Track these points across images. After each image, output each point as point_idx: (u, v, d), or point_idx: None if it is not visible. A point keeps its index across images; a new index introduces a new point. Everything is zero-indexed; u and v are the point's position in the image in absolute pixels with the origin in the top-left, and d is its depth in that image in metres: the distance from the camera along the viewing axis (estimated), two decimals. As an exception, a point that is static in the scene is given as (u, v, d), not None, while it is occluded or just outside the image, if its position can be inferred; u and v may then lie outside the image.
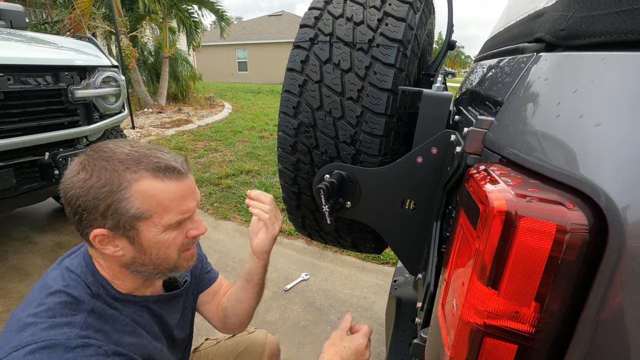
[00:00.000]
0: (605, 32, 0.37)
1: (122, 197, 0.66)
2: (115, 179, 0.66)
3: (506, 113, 0.49)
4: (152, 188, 0.67)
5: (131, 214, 0.66)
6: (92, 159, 0.67)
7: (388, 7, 0.87)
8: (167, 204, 0.69)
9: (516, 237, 0.34)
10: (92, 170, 0.66)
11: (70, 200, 0.66)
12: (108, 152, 0.68)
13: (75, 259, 0.76)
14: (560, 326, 0.36)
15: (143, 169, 0.67)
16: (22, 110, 2.09)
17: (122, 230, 0.68)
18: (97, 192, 0.65)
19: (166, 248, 0.73)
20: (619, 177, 0.32)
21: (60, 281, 0.71)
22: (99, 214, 0.66)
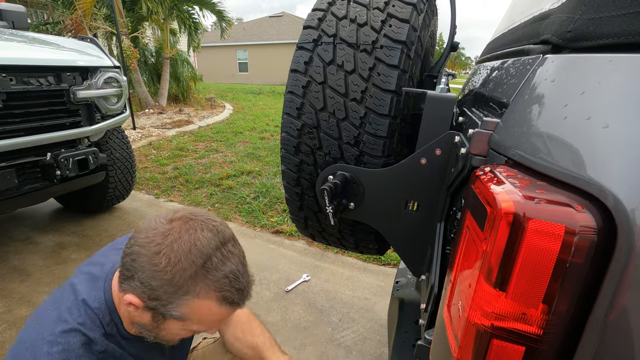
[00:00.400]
0: (612, 34, 0.37)
1: (179, 302, 0.66)
2: (187, 286, 0.65)
3: (512, 114, 0.49)
4: (207, 308, 0.68)
5: (172, 313, 0.68)
6: (181, 250, 0.65)
7: (392, 8, 0.87)
8: (206, 321, 0.72)
9: (524, 238, 0.34)
10: (174, 265, 0.64)
11: (136, 262, 0.66)
12: (198, 251, 0.66)
13: (95, 292, 0.76)
14: (568, 328, 0.36)
15: (214, 290, 0.67)
16: (24, 110, 2.10)
17: (152, 312, 0.69)
18: (161, 284, 0.65)
19: (174, 336, 0.76)
20: (627, 179, 0.32)
21: (76, 315, 0.72)
22: (148, 293, 0.66)
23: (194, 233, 0.67)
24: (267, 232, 3.17)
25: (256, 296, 2.28)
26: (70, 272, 2.59)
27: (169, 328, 0.72)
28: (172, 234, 0.66)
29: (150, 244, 0.66)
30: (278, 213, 3.48)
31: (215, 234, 0.69)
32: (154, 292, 0.65)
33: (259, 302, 2.22)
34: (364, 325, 2.06)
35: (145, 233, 0.67)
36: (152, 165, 4.85)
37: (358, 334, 1.99)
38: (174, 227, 0.67)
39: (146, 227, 0.68)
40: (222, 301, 0.68)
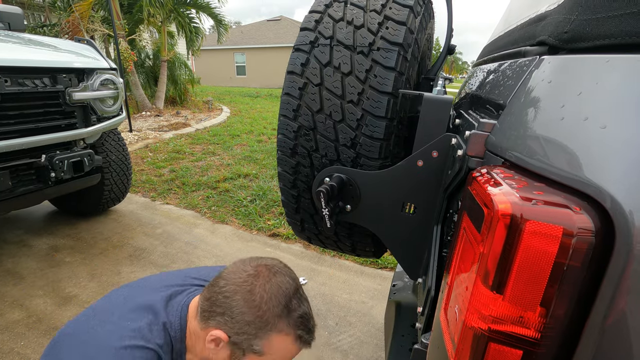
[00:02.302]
0: (609, 35, 0.37)
1: (264, 336, 0.73)
2: (273, 322, 0.73)
3: (509, 116, 0.49)
4: (285, 344, 0.75)
5: (254, 348, 0.73)
6: (272, 292, 0.74)
7: (388, 10, 0.87)
8: (279, 357, 0.77)
9: (522, 240, 0.34)
10: (267, 302, 0.73)
11: (229, 297, 0.73)
12: (283, 294, 0.75)
13: (173, 317, 0.80)
14: (566, 331, 0.35)
15: (293, 327, 0.75)
16: (19, 112, 2.08)
17: (235, 348, 0.74)
18: (253, 319, 0.72)
19: None
20: (625, 180, 0.32)
21: (157, 338, 0.75)
22: (236, 328, 0.72)
23: (280, 277, 0.77)
24: (264, 235, 3.16)
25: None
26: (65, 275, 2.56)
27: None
28: (262, 276, 0.75)
29: (244, 283, 0.74)
30: (275, 216, 3.47)
31: (293, 280, 0.79)
32: (244, 327, 0.72)
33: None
34: (360, 329, 2.05)
35: (238, 274, 0.76)
36: (148, 168, 4.82)
37: (355, 338, 1.98)
38: (262, 271, 0.76)
39: (236, 269, 0.77)
40: (297, 339, 0.76)
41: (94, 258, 2.66)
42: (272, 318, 0.73)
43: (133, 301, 0.80)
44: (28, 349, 1.84)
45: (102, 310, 0.80)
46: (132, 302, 0.80)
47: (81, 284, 2.36)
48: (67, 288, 2.31)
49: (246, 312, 0.72)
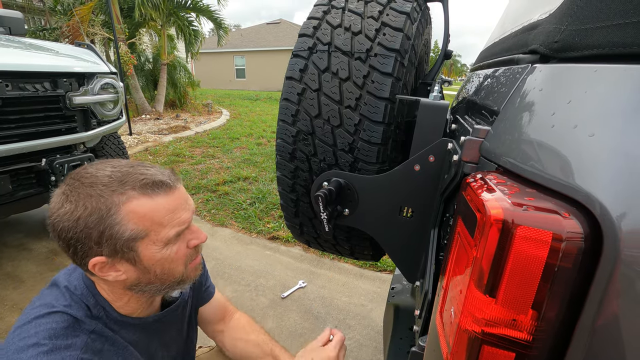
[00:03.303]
0: (597, 45, 0.38)
1: (114, 222, 0.64)
2: (103, 204, 0.63)
3: (502, 122, 0.50)
4: (142, 207, 0.66)
5: (126, 237, 0.65)
6: (74, 188, 0.65)
7: (386, 17, 0.88)
8: (161, 219, 0.68)
9: (513, 245, 0.35)
10: (76, 200, 0.63)
11: (61, 234, 0.65)
12: (89, 177, 0.66)
13: (74, 280, 0.75)
14: (557, 334, 0.36)
15: (129, 189, 0.65)
16: (19, 116, 2.09)
17: (120, 254, 0.66)
18: (87, 222, 0.63)
19: (170, 263, 0.71)
20: (612, 187, 0.33)
21: (62, 300, 0.70)
22: (93, 242, 0.64)
23: (76, 176, 0.67)
24: (263, 238, 3.16)
25: (252, 303, 2.27)
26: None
27: (149, 256, 0.68)
28: (62, 190, 0.66)
29: (51, 213, 0.65)
30: (274, 219, 3.48)
31: (101, 164, 0.69)
32: (90, 235, 0.63)
33: (254, 309, 2.21)
34: (360, 332, 2.05)
35: (48, 214, 0.67)
36: (148, 171, 4.83)
37: (354, 341, 1.98)
38: (61, 189, 0.66)
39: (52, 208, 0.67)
40: (144, 189, 0.66)
41: (94, 261, 2.67)
42: (98, 204, 0.63)
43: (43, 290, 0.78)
44: (28, 352, 1.84)
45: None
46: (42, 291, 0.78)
47: (81, 288, 2.36)
48: (67, 291, 2.31)
49: (76, 226, 0.63)
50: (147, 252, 0.68)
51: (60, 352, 0.63)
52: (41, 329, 0.65)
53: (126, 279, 0.70)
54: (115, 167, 0.68)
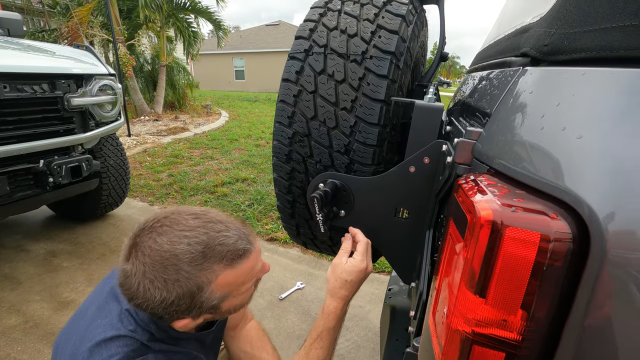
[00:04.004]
0: (585, 49, 0.38)
1: (204, 297, 0.67)
2: (193, 286, 0.65)
3: (494, 125, 0.50)
4: (228, 278, 0.68)
5: (214, 302, 0.69)
6: (156, 272, 0.63)
7: (381, 20, 0.89)
8: (244, 280, 0.72)
9: (502, 246, 0.35)
10: (164, 286, 0.63)
11: (147, 310, 0.66)
12: (168, 256, 0.63)
13: None
14: (546, 333, 0.37)
15: (215, 264, 0.66)
16: (17, 117, 2.09)
17: (205, 314, 0.71)
18: (179, 303, 0.65)
19: (240, 305, 0.77)
20: (600, 188, 0.33)
21: (127, 324, 0.72)
22: (182, 313, 0.67)
23: (150, 252, 0.64)
24: (262, 239, 3.16)
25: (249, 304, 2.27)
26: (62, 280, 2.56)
27: (228, 307, 0.73)
28: (137, 268, 0.64)
29: (135, 295, 0.64)
30: (272, 220, 3.48)
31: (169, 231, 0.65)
32: (180, 308, 0.66)
33: (252, 310, 2.20)
34: (357, 334, 2.05)
35: (127, 289, 0.66)
36: (146, 173, 4.83)
37: (352, 342, 1.98)
38: (134, 265, 0.64)
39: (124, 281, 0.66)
40: (230, 263, 0.67)
41: (92, 263, 2.66)
42: (194, 285, 0.64)
43: (98, 299, 0.79)
44: (25, 354, 1.84)
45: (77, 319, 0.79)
46: (98, 300, 0.79)
47: (79, 289, 2.36)
48: (65, 293, 2.31)
49: (170, 307, 0.64)
50: (228, 304, 0.73)
51: None
52: (113, 352, 0.67)
53: (196, 324, 0.74)
54: (187, 236, 0.65)
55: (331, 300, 0.86)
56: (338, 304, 0.85)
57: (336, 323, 0.86)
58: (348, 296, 0.86)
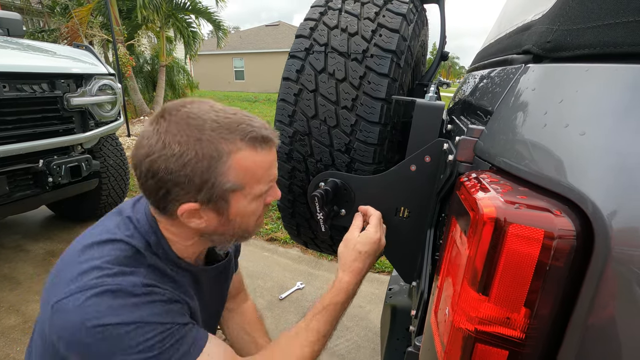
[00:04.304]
0: (588, 45, 0.38)
1: (220, 171, 0.62)
2: (214, 151, 0.61)
3: (496, 122, 0.50)
4: (247, 160, 0.64)
5: (226, 187, 0.63)
6: (180, 128, 0.61)
7: (382, 18, 0.89)
8: (260, 174, 0.67)
9: (505, 243, 0.35)
10: (186, 142, 0.60)
11: (158, 173, 0.61)
12: (195, 118, 0.62)
13: (138, 213, 0.72)
14: (550, 331, 0.36)
15: (238, 139, 0.63)
16: (16, 117, 2.09)
17: (212, 203, 0.65)
18: (195, 167, 0.61)
19: (249, 217, 0.70)
20: (603, 185, 0.33)
21: (124, 229, 0.68)
22: (192, 188, 0.62)
23: (177, 113, 0.63)
24: (261, 239, 3.16)
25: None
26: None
27: (237, 208, 0.67)
28: (161, 127, 0.62)
29: (151, 151, 0.61)
30: (272, 220, 3.47)
31: (199, 103, 0.66)
32: (193, 180, 0.61)
33: (252, 311, 2.20)
34: (357, 334, 2.05)
35: (141, 150, 0.62)
36: (146, 173, 4.82)
37: (352, 342, 1.98)
38: (159, 125, 0.62)
39: (138, 146, 0.63)
40: (254, 143, 0.64)
41: (91, 263, 2.66)
42: (208, 149, 0.61)
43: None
44: (24, 354, 1.83)
45: None
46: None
47: (78, 289, 2.35)
48: (64, 293, 2.31)
49: (182, 168, 0.60)
50: (237, 205, 0.67)
51: (125, 276, 0.62)
52: (105, 254, 0.64)
53: (205, 227, 0.68)
54: (217, 111, 0.65)
55: (343, 275, 0.79)
56: (351, 279, 0.79)
57: (345, 299, 0.79)
58: (362, 270, 0.80)
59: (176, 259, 0.73)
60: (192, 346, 0.66)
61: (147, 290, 0.63)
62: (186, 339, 0.65)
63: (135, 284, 0.62)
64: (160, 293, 0.65)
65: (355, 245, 0.80)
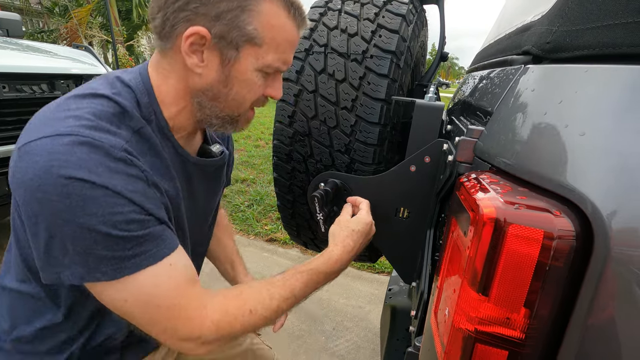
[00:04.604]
0: (587, 46, 0.38)
1: (248, 8, 0.56)
2: None
3: (495, 123, 0.50)
4: (277, 18, 0.59)
5: (245, 32, 0.57)
6: None
7: (381, 19, 0.89)
8: (279, 43, 0.61)
9: (505, 243, 0.35)
10: None
11: None
12: None
13: (129, 73, 0.64)
14: (549, 331, 0.36)
15: None
16: (16, 118, 2.09)
17: (222, 44, 0.58)
18: None
19: (247, 91, 0.64)
20: (603, 185, 0.33)
21: (109, 88, 0.59)
22: (214, 10, 0.55)
23: None
24: (261, 240, 3.16)
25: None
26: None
27: (243, 66, 0.60)
28: None
29: None
30: (272, 221, 3.47)
31: None
32: (219, 4, 0.55)
33: (252, 311, 2.20)
34: (357, 334, 2.05)
35: None
36: (145, 173, 4.82)
37: (352, 343, 1.98)
38: None
39: None
40: (289, 5, 0.59)
41: (91, 264, 2.65)
42: None
43: None
44: (23, 355, 1.82)
45: None
46: None
47: (77, 290, 2.35)
48: (63, 294, 2.30)
49: None
50: (244, 63, 0.60)
51: (105, 133, 0.53)
52: (85, 105, 0.55)
53: (199, 78, 0.61)
54: None
55: (335, 248, 0.75)
56: (341, 254, 0.75)
57: (330, 272, 0.74)
58: (353, 248, 0.76)
59: (167, 130, 0.64)
60: (158, 248, 0.57)
61: (127, 159, 0.54)
62: (155, 236, 0.57)
63: (114, 145, 0.53)
64: (141, 169, 0.56)
65: (348, 224, 0.78)
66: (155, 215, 0.57)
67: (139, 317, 0.58)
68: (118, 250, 0.53)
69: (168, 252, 0.58)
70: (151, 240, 0.56)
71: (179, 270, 0.60)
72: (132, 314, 0.57)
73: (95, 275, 0.53)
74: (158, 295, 0.57)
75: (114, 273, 0.53)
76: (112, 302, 0.56)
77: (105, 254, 0.52)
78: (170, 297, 0.58)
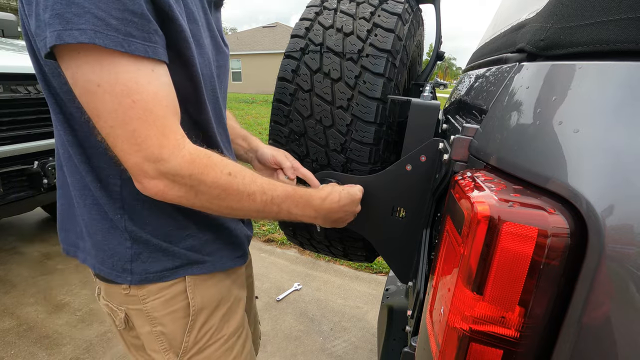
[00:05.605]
0: (581, 43, 0.38)
1: None
2: None
3: (490, 121, 0.50)
4: None
5: None
6: None
7: (377, 18, 0.88)
8: None
9: (499, 241, 0.35)
10: None
11: None
12: None
13: None
14: (544, 330, 0.36)
15: None
16: (11, 118, 2.07)
17: None
18: None
19: None
20: (597, 183, 0.33)
21: None
22: None
23: None
24: (259, 240, 3.15)
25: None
26: (57, 282, 2.54)
27: None
28: None
29: None
30: (269, 221, 3.46)
31: None
32: None
33: (249, 312, 2.19)
34: (355, 335, 2.05)
35: None
36: (143, 174, 4.80)
37: (349, 343, 1.98)
38: None
39: None
40: None
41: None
42: None
43: None
44: (18, 357, 1.81)
45: None
46: None
47: (73, 292, 2.34)
48: (59, 296, 2.29)
49: None
50: None
51: None
52: None
53: None
54: None
55: (322, 190, 0.75)
56: (325, 197, 0.73)
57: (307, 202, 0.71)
58: (337, 202, 0.75)
59: None
60: (145, 43, 0.51)
61: None
62: (146, 26, 0.50)
63: None
64: None
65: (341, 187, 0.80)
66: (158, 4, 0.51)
67: (108, 113, 0.51)
68: (102, 7, 0.46)
69: (153, 55, 0.52)
70: (140, 27, 0.50)
71: (162, 85, 0.54)
72: (103, 108, 0.51)
73: (73, 33, 0.46)
74: (137, 91, 0.51)
75: (93, 35, 0.46)
76: (85, 86, 0.50)
77: (88, 6, 0.46)
78: (148, 100, 0.52)
